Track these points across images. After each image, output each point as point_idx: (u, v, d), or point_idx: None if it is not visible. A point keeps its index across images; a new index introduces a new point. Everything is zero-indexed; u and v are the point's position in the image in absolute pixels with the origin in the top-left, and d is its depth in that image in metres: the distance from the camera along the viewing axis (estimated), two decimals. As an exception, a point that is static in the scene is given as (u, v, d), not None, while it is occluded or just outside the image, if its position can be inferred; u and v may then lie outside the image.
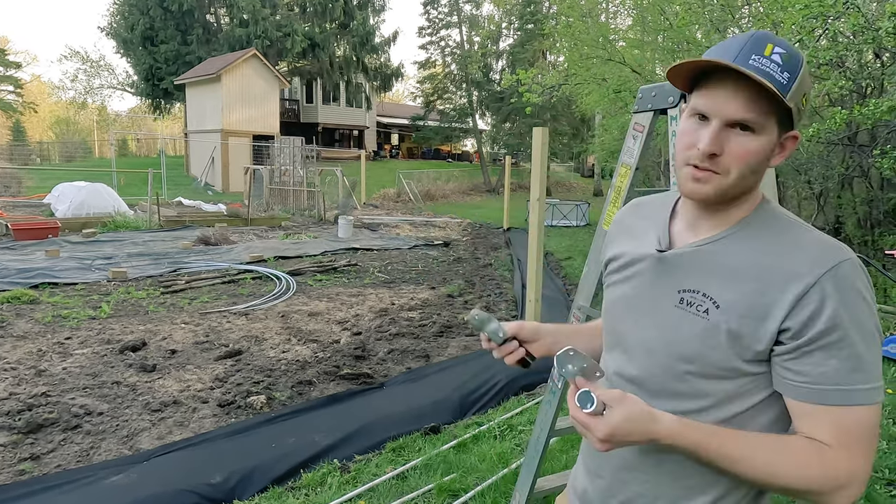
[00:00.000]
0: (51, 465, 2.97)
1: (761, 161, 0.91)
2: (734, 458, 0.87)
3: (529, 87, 12.84)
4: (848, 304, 0.85)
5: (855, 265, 0.87)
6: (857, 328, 0.85)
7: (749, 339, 0.89)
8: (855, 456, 0.86)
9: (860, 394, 0.85)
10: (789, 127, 0.91)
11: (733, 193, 0.93)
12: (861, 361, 0.85)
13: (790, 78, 0.87)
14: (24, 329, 5.15)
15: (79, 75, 48.10)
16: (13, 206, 14.02)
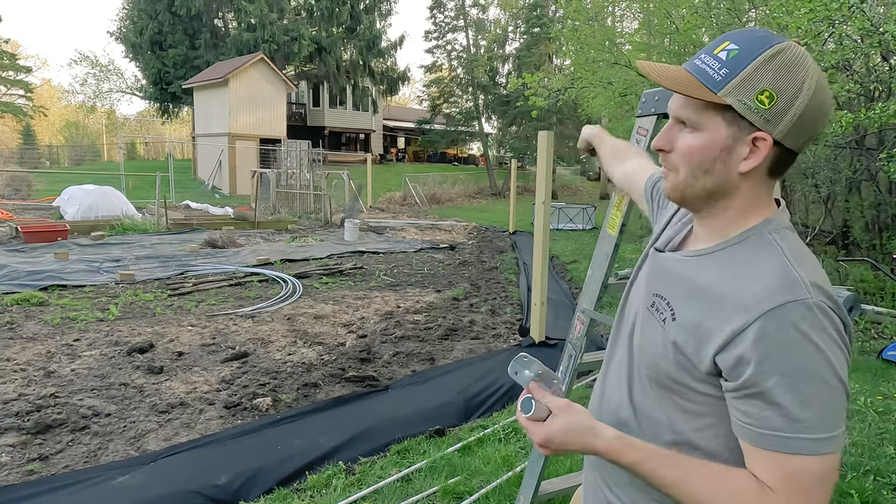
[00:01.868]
0: (59, 465, 3.00)
1: (710, 160, 0.89)
2: (667, 483, 0.87)
3: (535, 90, 12.86)
4: (788, 348, 0.79)
5: (809, 307, 0.80)
6: (800, 375, 0.79)
7: (691, 358, 0.88)
8: (787, 499, 0.81)
9: (803, 443, 0.80)
10: (754, 127, 0.86)
11: (693, 194, 0.92)
12: (805, 410, 0.79)
13: (728, 74, 0.85)
14: (33, 331, 5.20)
15: (88, 79, 48.55)
16: (23, 210, 14.16)
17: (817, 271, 0.87)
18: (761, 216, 0.92)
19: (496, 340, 5.39)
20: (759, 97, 0.84)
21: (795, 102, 0.84)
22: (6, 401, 3.66)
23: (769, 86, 0.84)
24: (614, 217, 1.89)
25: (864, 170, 7.61)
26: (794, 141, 0.87)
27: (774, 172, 0.91)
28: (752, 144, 0.87)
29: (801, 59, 0.86)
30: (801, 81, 0.84)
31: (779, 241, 0.89)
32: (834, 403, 0.81)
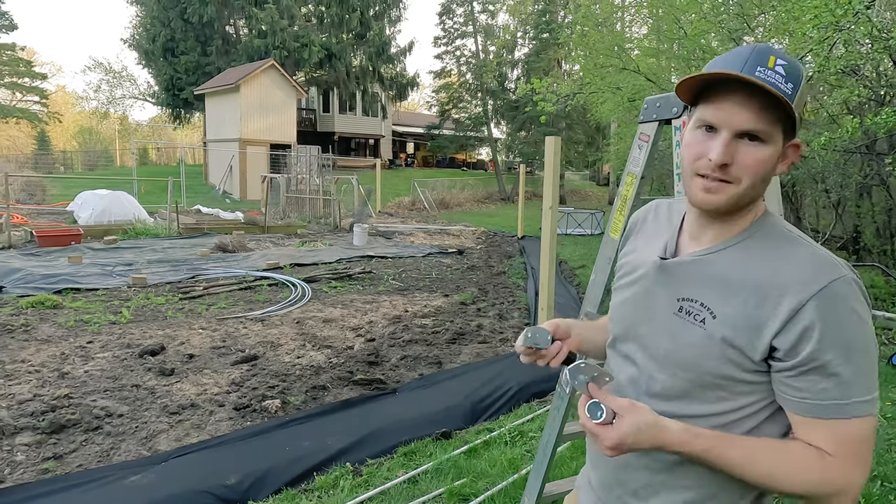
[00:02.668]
0: (73, 464, 3.06)
1: (770, 169, 0.94)
2: (737, 464, 0.91)
3: (544, 96, 12.89)
4: (841, 323, 0.87)
5: (849, 282, 0.89)
6: (852, 346, 0.87)
7: (744, 350, 0.92)
8: (851, 465, 0.90)
9: (856, 407, 0.89)
10: (792, 136, 0.95)
11: (744, 202, 0.96)
12: (856, 377, 0.88)
13: (794, 88, 0.90)
14: (47, 333, 5.29)
15: (102, 86, 49.14)
16: (38, 214, 14.36)
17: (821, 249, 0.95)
18: (759, 211, 1.00)
19: (503, 345, 5.41)
20: (804, 109, 0.94)
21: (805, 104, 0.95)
22: (21, 401, 3.73)
23: (807, 99, 0.95)
24: (617, 221, 1.92)
25: (875, 174, 7.56)
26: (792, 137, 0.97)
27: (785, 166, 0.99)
28: (791, 151, 0.96)
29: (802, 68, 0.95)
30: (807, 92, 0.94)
31: (789, 228, 0.97)
32: (875, 367, 0.91)
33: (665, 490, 1.03)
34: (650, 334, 1.04)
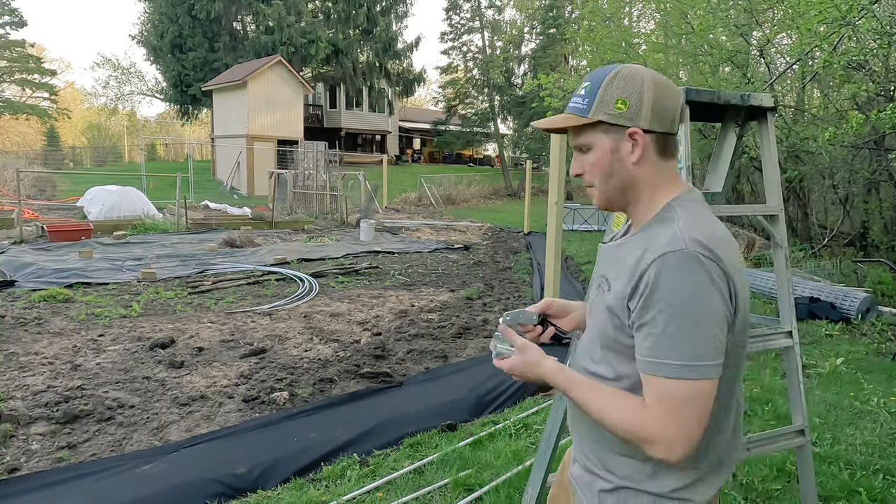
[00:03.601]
0: (86, 453, 3.13)
1: (608, 166, 1.14)
2: (583, 403, 1.11)
3: (551, 91, 12.88)
4: (668, 288, 1.00)
5: (686, 255, 1.01)
6: (674, 310, 0.99)
7: (620, 317, 1.08)
8: (665, 419, 1.01)
9: (671, 368, 0.99)
10: (627, 127, 1.11)
11: (611, 197, 1.17)
12: (674, 340, 0.99)
13: (589, 102, 1.12)
14: (59, 326, 5.38)
15: (110, 82, 49.52)
16: (48, 209, 14.51)
17: (705, 229, 1.06)
18: (669, 196, 1.14)
19: (509, 339, 5.44)
20: (616, 105, 1.11)
21: (644, 98, 1.10)
22: (36, 392, 3.81)
23: (619, 95, 1.11)
24: (619, 216, 1.95)
25: (883, 170, 7.54)
26: (661, 124, 1.11)
27: (665, 153, 1.15)
28: (631, 139, 1.11)
29: (635, 70, 1.13)
30: (640, 83, 1.10)
31: (679, 211, 1.10)
32: (700, 336, 1.00)
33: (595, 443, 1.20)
34: (590, 307, 1.24)
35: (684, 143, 1.67)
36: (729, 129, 1.98)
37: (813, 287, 6.57)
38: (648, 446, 1.03)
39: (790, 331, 1.83)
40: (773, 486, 2.93)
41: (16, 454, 3.07)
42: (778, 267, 1.85)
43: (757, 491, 2.90)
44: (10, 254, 8.64)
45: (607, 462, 1.16)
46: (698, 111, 1.85)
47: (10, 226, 11.20)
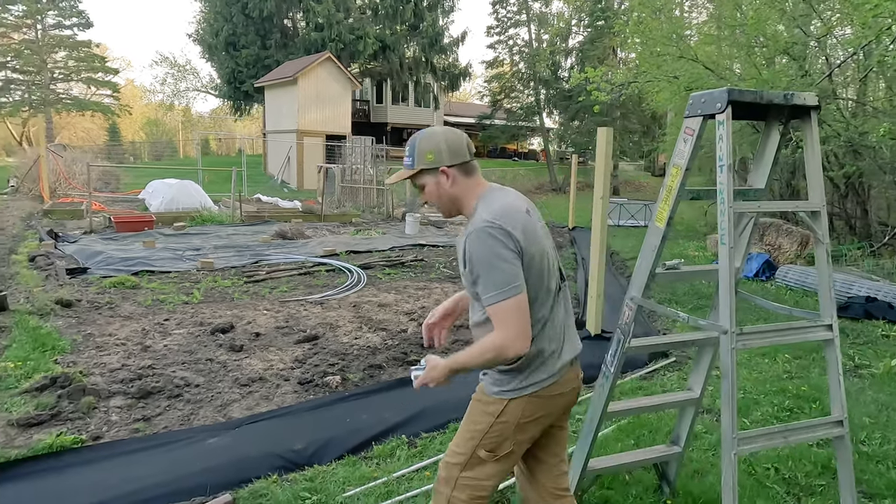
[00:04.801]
0: (159, 426, 3.41)
1: (437, 193, 1.80)
2: (469, 365, 1.72)
3: (598, 85, 12.76)
4: (473, 254, 1.66)
5: (477, 231, 1.66)
6: (481, 265, 1.64)
7: (466, 275, 1.73)
8: (505, 327, 1.62)
9: (493, 297, 1.62)
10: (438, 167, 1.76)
11: (449, 209, 1.84)
12: (488, 280, 1.63)
13: (412, 160, 1.79)
14: (129, 310, 5.77)
15: (167, 79, 51.45)
16: (112, 202, 15.32)
17: (492, 209, 1.70)
18: (476, 198, 1.79)
19: (552, 332, 5.52)
20: (427, 157, 1.77)
21: (441, 147, 1.76)
22: (112, 369, 4.14)
23: (427, 150, 1.76)
24: (662, 210, 2.03)
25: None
26: (457, 159, 1.77)
27: (468, 174, 1.80)
28: (443, 174, 1.76)
29: (432, 131, 1.82)
30: (438, 139, 1.77)
31: (479, 205, 1.75)
32: (500, 273, 1.62)
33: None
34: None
35: (725, 143, 1.74)
36: (773, 127, 2.02)
37: (870, 286, 6.38)
38: (506, 351, 1.63)
39: (830, 324, 1.88)
40: (816, 481, 2.94)
41: (98, 424, 3.37)
42: (819, 262, 1.90)
43: (800, 486, 2.92)
44: (82, 243, 9.23)
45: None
46: (742, 110, 1.91)
47: (80, 217, 11.93)
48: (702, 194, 2.10)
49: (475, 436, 1.84)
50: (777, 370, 4.58)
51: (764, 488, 2.86)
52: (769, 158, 2.04)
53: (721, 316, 1.74)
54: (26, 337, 4.69)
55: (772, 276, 8.13)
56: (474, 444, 1.84)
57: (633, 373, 4.50)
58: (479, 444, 1.83)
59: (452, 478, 1.87)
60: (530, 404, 1.77)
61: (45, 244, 8.91)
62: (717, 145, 1.76)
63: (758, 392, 4.13)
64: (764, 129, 2.05)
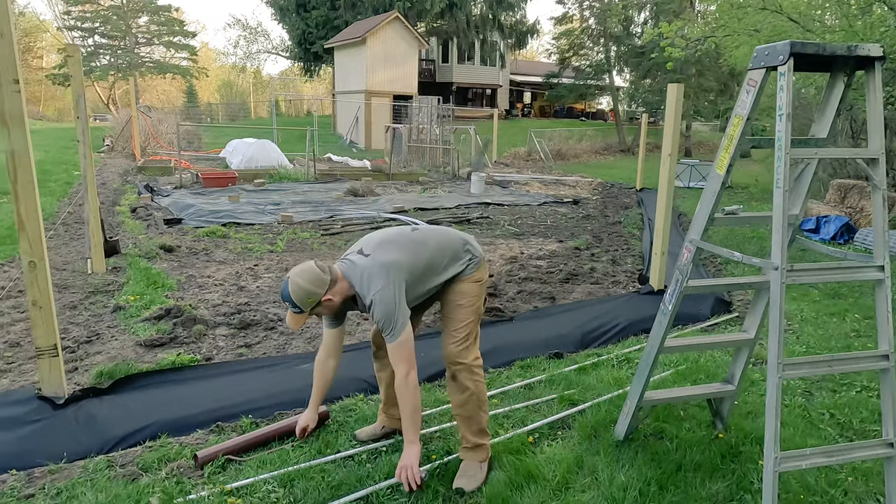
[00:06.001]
0: (258, 352, 3.88)
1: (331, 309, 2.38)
2: (415, 430, 2.36)
3: (672, 40, 12.32)
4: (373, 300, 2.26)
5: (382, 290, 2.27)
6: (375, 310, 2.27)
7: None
8: (397, 362, 2.30)
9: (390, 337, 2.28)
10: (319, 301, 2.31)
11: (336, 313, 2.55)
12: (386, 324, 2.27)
13: (299, 308, 2.30)
14: (222, 256, 6.35)
15: (240, 41, 52.90)
16: (196, 160, 16.32)
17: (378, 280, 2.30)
18: (348, 286, 2.35)
19: (615, 286, 5.69)
20: (307, 301, 2.29)
21: (310, 289, 2.27)
22: (214, 305, 4.68)
23: (303, 297, 2.28)
24: (723, 158, 2.19)
25: None
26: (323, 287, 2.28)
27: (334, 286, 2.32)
28: (328, 300, 2.31)
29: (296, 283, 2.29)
30: (303, 286, 2.27)
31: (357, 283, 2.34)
32: (394, 319, 2.28)
33: None
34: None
35: (785, 93, 1.88)
36: (837, 78, 2.11)
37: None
38: (402, 379, 2.32)
39: (882, 265, 2.01)
40: (871, 427, 3.05)
41: (209, 348, 3.89)
42: (875, 207, 2.01)
43: (854, 430, 3.04)
44: (174, 197, 10.03)
45: None
46: (806, 63, 2.02)
47: (170, 173, 12.86)
48: (763, 143, 2.22)
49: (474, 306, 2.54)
50: (845, 328, 4.59)
51: (817, 430, 3.01)
52: (832, 109, 2.14)
53: (773, 254, 1.91)
54: (139, 276, 5.32)
55: (850, 239, 7.87)
56: (475, 315, 2.55)
57: (694, 325, 4.64)
58: (476, 318, 2.56)
59: (476, 363, 2.57)
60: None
61: (142, 197, 9.76)
62: (778, 95, 1.89)
63: (821, 348, 4.19)
64: (829, 81, 2.14)
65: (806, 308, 5.01)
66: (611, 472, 2.53)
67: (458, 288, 2.52)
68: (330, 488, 2.40)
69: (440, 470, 2.55)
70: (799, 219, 2.34)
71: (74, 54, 5.10)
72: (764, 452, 1.99)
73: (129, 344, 3.85)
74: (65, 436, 2.76)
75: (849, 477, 2.55)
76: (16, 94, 2.71)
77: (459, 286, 2.52)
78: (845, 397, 3.38)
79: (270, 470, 2.51)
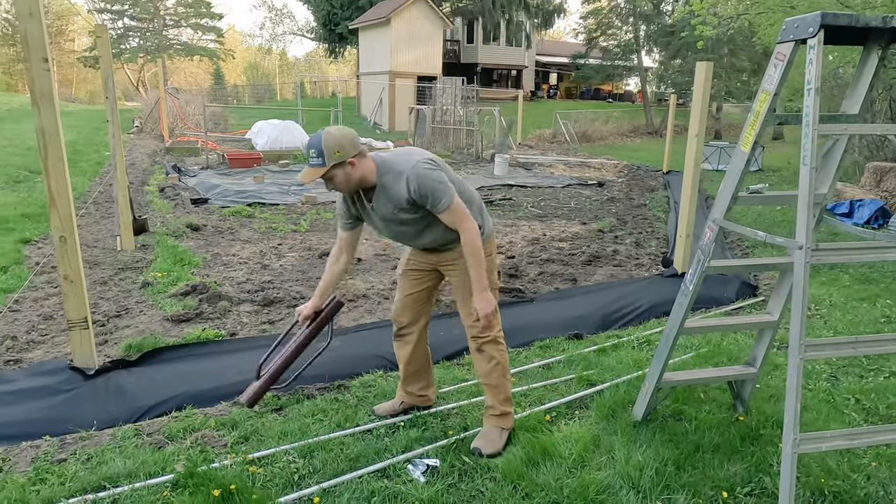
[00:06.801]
0: (281, 328, 3.95)
1: (347, 180, 2.23)
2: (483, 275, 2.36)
3: (704, 18, 11.97)
4: (419, 184, 2.22)
5: (416, 168, 2.24)
6: (426, 188, 2.22)
7: (405, 209, 2.29)
8: (463, 220, 2.28)
9: (444, 204, 2.25)
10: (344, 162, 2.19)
11: (354, 189, 2.30)
12: (436, 197, 2.23)
13: (322, 159, 2.15)
14: (247, 236, 6.45)
15: (266, 23, 53.03)
16: (222, 141, 16.51)
17: (413, 154, 2.33)
18: (375, 168, 2.29)
19: (638, 269, 5.63)
20: (335, 154, 2.16)
21: (344, 143, 2.17)
22: (239, 282, 4.77)
23: (334, 148, 2.16)
24: (748, 136, 2.13)
25: None
26: (356, 150, 2.20)
27: (363, 157, 2.24)
28: (350, 164, 2.20)
29: (328, 132, 2.19)
30: (338, 138, 2.18)
31: (384, 168, 2.29)
32: (444, 187, 2.26)
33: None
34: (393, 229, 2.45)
35: (815, 67, 1.82)
36: (871, 51, 2.04)
37: None
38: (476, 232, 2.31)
39: (912, 246, 1.95)
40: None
41: (233, 324, 3.97)
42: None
43: (880, 415, 2.98)
44: (201, 177, 10.19)
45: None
46: (838, 35, 1.95)
47: (196, 154, 13.04)
48: (790, 119, 2.16)
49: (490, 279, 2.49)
50: (875, 314, 4.48)
51: (841, 414, 2.96)
52: (864, 84, 2.06)
53: (798, 233, 1.87)
54: (167, 253, 5.44)
55: (885, 223, 7.64)
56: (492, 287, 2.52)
57: (718, 308, 4.57)
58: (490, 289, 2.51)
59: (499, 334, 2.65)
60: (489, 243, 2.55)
61: (170, 177, 9.93)
62: (807, 69, 1.83)
63: (849, 333, 4.09)
64: (862, 54, 2.06)
65: (835, 293, 4.89)
66: (627, 451, 2.53)
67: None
68: (348, 460, 2.45)
69: (457, 445, 2.58)
70: (827, 199, 2.28)
71: (103, 35, 5.18)
72: (783, 434, 1.97)
73: (156, 318, 3.95)
74: (95, 405, 2.86)
75: (872, 462, 2.51)
76: (45, 73, 2.77)
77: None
78: (872, 382, 3.31)
79: (291, 441, 2.57)
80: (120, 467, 2.33)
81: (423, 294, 2.72)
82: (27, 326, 3.79)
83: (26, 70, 2.76)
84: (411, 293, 2.71)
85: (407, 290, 2.72)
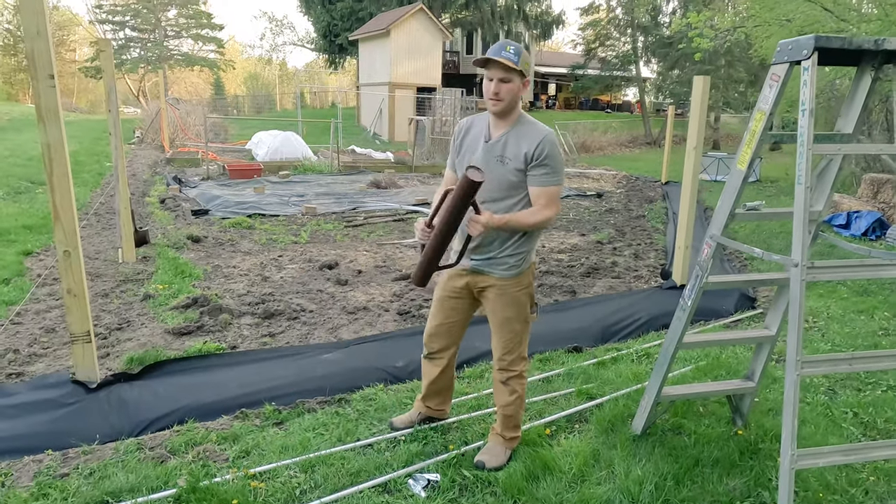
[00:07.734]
0: (282, 341, 3.97)
1: (516, 93, 2.27)
2: (518, 223, 2.27)
3: (701, 31, 12.10)
4: (551, 149, 2.28)
5: (553, 135, 2.33)
6: (553, 157, 2.28)
7: (519, 168, 2.29)
8: (552, 205, 2.31)
9: (555, 181, 2.31)
10: (524, 77, 2.26)
11: (509, 108, 2.30)
12: (553, 171, 2.30)
13: (516, 58, 2.20)
14: (247, 247, 6.48)
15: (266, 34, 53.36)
16: (223, 151, 16.57)
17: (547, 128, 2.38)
18: (517, 114, 2.36)
19: (637, 281, 5.65)
20: (525, 65, 2.25)
21: (531, 64, 2.07)
22: (240, 294, 4.79)
23: (526, 60, 2.27)
24: (744, 154, 2.17)
25: None
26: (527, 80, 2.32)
27: (522, 92, 2.32)
28: (525, 84, 2.29)
29: (526, 54, 2.28)
30: (529, 57, 2.52)
31: (530, 119, 2.37)
32: (562, 166, 2.36)
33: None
34: (486, 173, 2.19)
35: (809, 88, 1.85)
36: (865, 72, 2.08)
37: None
38: (550, 222, 2.34)
39: (907, 263, 1.98)
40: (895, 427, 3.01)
41: (234, 336, 3.99)
42: (901, 204, 1.98)
43: (878, 429, 3.00)
44: (202, 188, 10.23)
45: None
46: (832, 57, 1.99)
47: (197, 165, 13.09)
48: (785, 138, 2.20)
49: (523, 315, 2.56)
50: (873, 326, 4.50)
51: (839, 428, 2.97)
52: (858, 104, 2.10)
53: (793, 250, 1.90)
54: (168, 265, 5.46)
55: (882, 234, 7.67)
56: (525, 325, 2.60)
57: (717, 320, 4.59)
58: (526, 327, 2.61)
59: (525, 368, 2.69)
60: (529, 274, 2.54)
61: (171, 188, 9.97)
62: (801, 90, 1.87)
63: (847, 347, 4.11)
64: (855, 75, 2.10)
65: (833, 305, 4.91)
66: (627, 465, 2.54)
67: (507, 297, 2.48)
68: (349, 475, 2.46)
69: (457, 459, 2.60)
70: (823, 215, 2.31)
71: (106, 48, 5.23)
72: (781, 450, 1.99)
73: (157, 331, 3.97)
74: (97, 418, 2.88)
75: (870, 476, 2.52)
76: (51, 90, 2.80)
77: (508, 294, 2.47)
78: (870, 396, 3.32)
79: (292, 456, 2.58)
80: (122, 482, 2.34)
81: (458, 324, 2.73)
82: (29, 339, 3.80)
83: (33, 87, 2.80)
84: (446, 322, 2.72)
85: (441, 319, 2.73)
